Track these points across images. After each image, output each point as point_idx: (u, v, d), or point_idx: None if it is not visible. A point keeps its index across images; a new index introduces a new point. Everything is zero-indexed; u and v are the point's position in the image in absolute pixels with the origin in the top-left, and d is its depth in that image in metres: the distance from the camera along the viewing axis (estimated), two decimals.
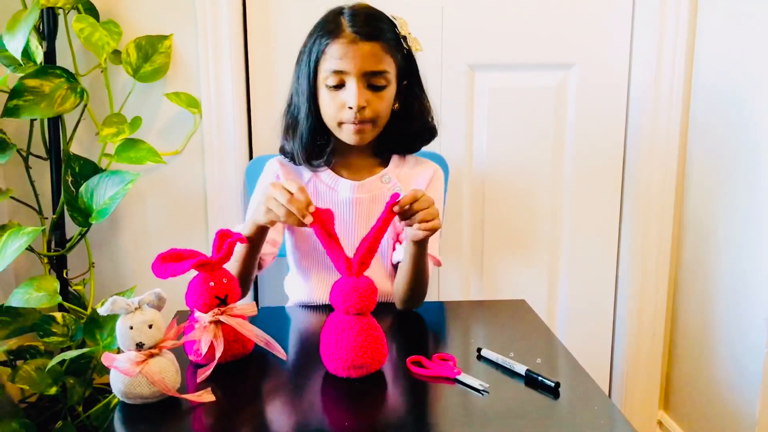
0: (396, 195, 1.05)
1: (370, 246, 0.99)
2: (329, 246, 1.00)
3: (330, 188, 1.31)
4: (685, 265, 1.82)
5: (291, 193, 1.03)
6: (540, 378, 0.96)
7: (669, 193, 1.80)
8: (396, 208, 1.05)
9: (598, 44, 1.77)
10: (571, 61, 1.77)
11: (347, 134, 1.24)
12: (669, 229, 1.83)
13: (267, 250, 1.27)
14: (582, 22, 1.75)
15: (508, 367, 1.01)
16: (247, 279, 1.23)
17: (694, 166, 1.76)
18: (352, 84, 1.19)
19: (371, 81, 1.20)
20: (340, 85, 1.20)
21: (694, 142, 1.76)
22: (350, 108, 1.19)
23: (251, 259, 1.21)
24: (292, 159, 1.30)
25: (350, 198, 1.30)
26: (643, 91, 1.76)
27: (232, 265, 1.19)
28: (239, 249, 1.18)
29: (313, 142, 1.27)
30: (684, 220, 1.81)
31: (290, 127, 1.29)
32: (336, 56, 1.18)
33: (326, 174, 1.31)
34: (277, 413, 0.94)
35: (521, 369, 0.99)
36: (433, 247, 1.30)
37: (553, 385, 0.94)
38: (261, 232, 1.17)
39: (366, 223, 1.30)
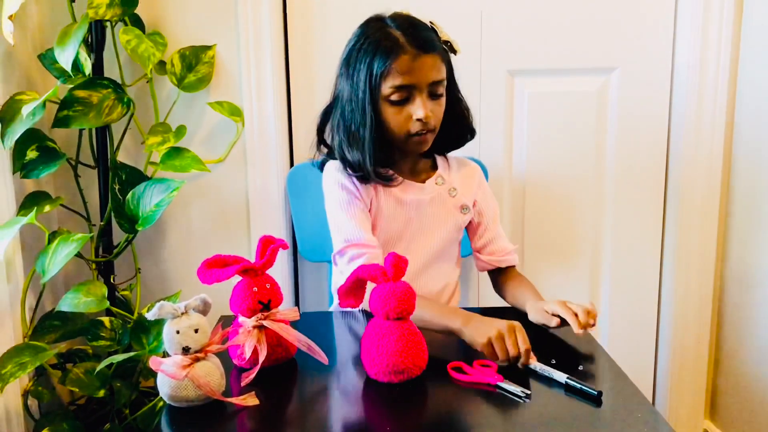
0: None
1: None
2: None
3: (392, 191, 1.32)
4: (730, 272, 1.78)
5: (516, 347, 1.03)
6: (581, 386, 0.96)
7: (713, 199, 1.77)
8: (580, 332, 1.11)
9: (639, 48, 1.75)
10: (612, 66, 1.75)
11: (413, 144, 1.27)
12: (713, 236, 1.79)
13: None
14: (623, 25, 1.73)
15: (549, 375, 1.00)
16: None
17: (739, 171, 1.72)
18: (419, 97, 1.22)
19: (433, 90, 1.23)
20: (403, 100, 1.22)
21: (738, 147, 1.73)
22: (418, 120, 1.22)
23: None
24: (357, 169, 1.28)
25: (413, 200, 1.33)
26: (687, 95, 1.72)
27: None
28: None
29: (376, 154, 1.26)
30: (728, 226, 1.78)
31: (353, 140, 1.27)
32: (402, 72, 1.20)
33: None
34: (320, 417, 0.95)
35: (562, 377, 0.98)
36: (503, 237, 1.42)
37: (595, 394, 0.93)
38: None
39: (429, 223, 1.34)
